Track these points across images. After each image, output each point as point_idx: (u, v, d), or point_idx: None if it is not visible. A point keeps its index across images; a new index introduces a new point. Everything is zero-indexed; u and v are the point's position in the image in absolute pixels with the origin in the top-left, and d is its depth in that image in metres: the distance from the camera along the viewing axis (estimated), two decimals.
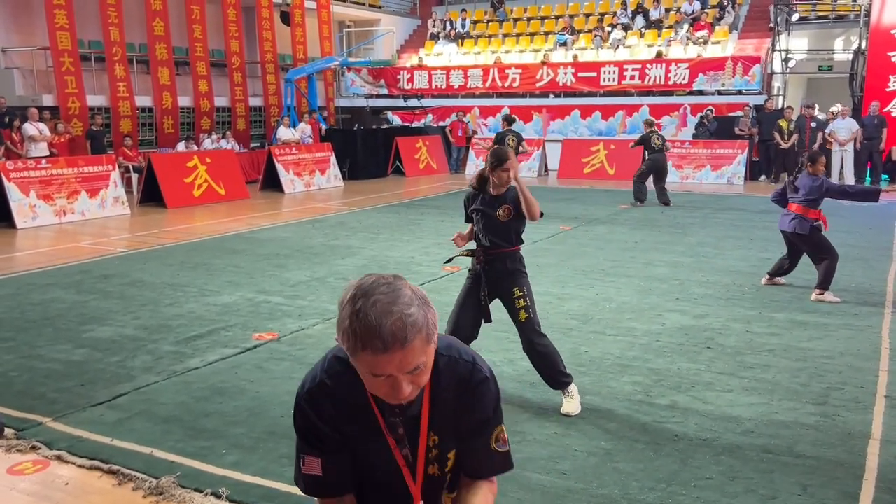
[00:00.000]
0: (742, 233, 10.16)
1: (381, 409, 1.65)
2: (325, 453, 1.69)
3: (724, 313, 6.29)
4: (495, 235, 4.38)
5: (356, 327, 1.44)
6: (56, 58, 15.01)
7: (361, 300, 1.45)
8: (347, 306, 1.47)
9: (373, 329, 1.42)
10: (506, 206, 4.36)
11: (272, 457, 3.73)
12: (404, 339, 1.44)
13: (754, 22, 20.37)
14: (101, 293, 7.04)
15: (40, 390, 4.65)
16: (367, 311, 1.43)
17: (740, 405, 4.38)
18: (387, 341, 1.42)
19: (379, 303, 1.44)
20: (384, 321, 1.42)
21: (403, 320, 1.44)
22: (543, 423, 4.15)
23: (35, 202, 11.24)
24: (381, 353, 1.43)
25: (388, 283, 1.48)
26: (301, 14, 20.88)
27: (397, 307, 1.44)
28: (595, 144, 17.85)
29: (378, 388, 1.53)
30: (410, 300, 1.47)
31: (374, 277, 1.51)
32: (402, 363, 1.46)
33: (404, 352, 1.45)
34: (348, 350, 1.49)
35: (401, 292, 1.47)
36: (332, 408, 1.66)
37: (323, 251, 9.08)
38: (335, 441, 1.69)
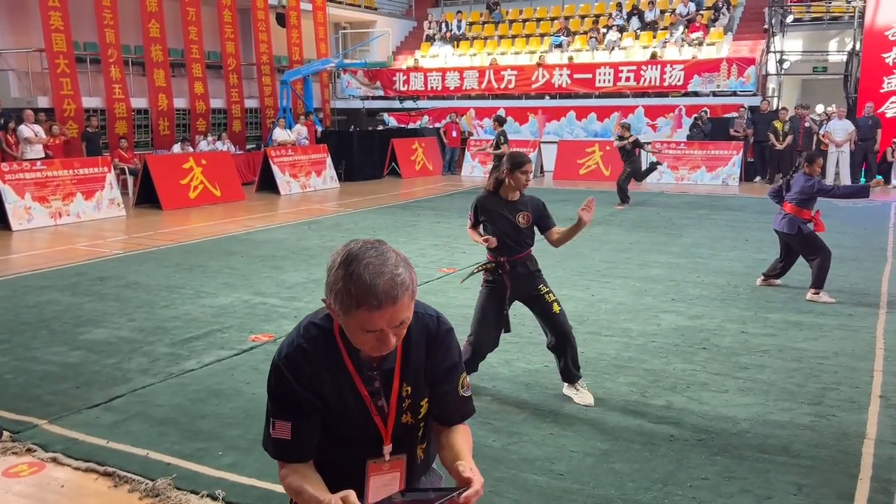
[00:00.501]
0: (737, 234, 10.19)
1: (356, 366, 1.77)
2: (296, 417, 1.77)
3: (719, 314, 6.31)
4: (515, 241, 4.41)
5: (351, 288, 1.58)
6: (51, 60, 14.98)
7: (354, 263, 1.60)
8: (340, 269, 1.61)
9: (367, 288, 1.57)
10: (525, 214, 4.41)
11: (268, 458, 3.69)
12: (395, 296, 1.59)
13: (749, 23, 20.42)
14: (96, 295, 7.04)
15: (36, 392, 4.64)
16: (360, 272, 1.58)
17: (736, 405, 4.39)
18: (381, 299, 1.57)
19: (371, 265, 1.59)
20: (377, 281, 1.57)
21: (394, 279, 1.59)
22: (539, 423, 4.15)
23: (30, 204, 11.21)
24: (375, 310, 1.58)
25: (375, 247, 1.64)
26: (297, 16, 20.87)
27: (387, 268, 1.60)
28: (590, 146, 17.87)
29: (365, 342, 1.66)
30: (397, 262, 1.63)
31: (360, 242, 1.66)
32: (392, 318, 1.62)
33: (395, 308, 1.60)
34: (341, 309, 1.62)
35: (388, 255, 1.63)
36: (309, 369, 1.75)
37: (319, 253, 9.08)
38: (310, 404, 1.77)
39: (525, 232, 4.43)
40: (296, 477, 1.78)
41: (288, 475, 1.80)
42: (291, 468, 1.80)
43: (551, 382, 4.73)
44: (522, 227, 4.41)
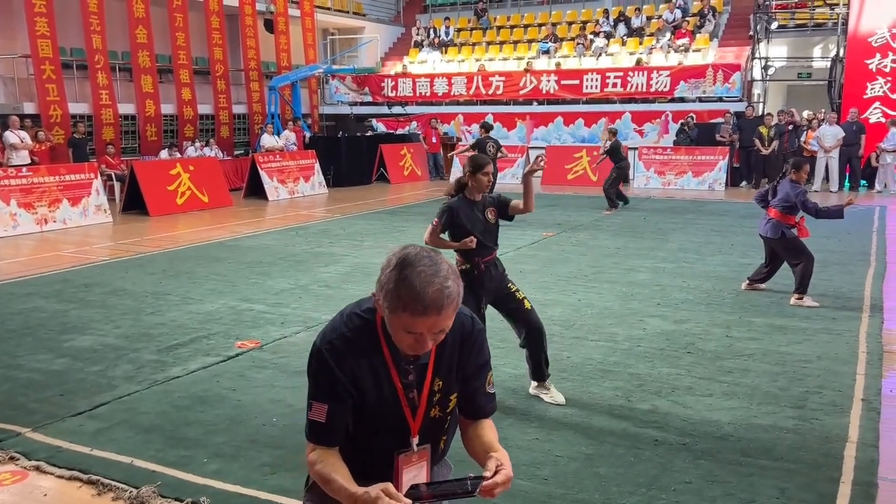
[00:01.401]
0: (723, 238, 10.25)
1: (394, 358, 1.87)
2: (333, 400, 1.85)
3: (704, 318, 6.35)
4: (491, 240, 4.55)
5: (401, 291, 1.68)
6: (37, 66, 14.92)
7: (408, 268, 1.69)
8: (394, 272, 1.70)
9: (416, 295, 1.67)
10: (491, 209, 4.55)
11: (253, 465, 3.73)
12: (441, 307, 1.69)
13: (734, 30, 20.58)
14: (82, 302, 7.00)
15: (20, 400, 4.61)
16: (412, 278, 1.68)
17: (720, 409, 4.42)
18: (426, 306, 1.67)
19: (423, 273, 1.68)
20: (427, 289, 1.67)
21: (442, 291, 1.69)
22: (525, 428, 4.17)
23: (16, 210, 11.15)
24: (419, 316, 1.68)
25: (430, 256, 1.73)
26: (285, 22, 20.88)
27: (438, 279, 1.69)
28: (578, 151, 17.95)
29: (403, 340, 1.77)
30: (447, 274, 1.72)
31: (416, 249, 1.75)
32: (434, 326, 1.72)
33: (438, 317, 1.70)
34: (388, 308, 1.72)
35: (441, 266, 1.72)
36: (350, 357, 1.84)
37: (306, 259, 9.07)
38: (346, 390, 1.85)
39: (494, 229, 4.58)
40: (325, 465, 1.84)
41: (317, 462, 1.85)
42: (321, 455, 1.86)
43: None
44: (493, 224, 4.56)
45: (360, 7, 25.23)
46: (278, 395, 4.66)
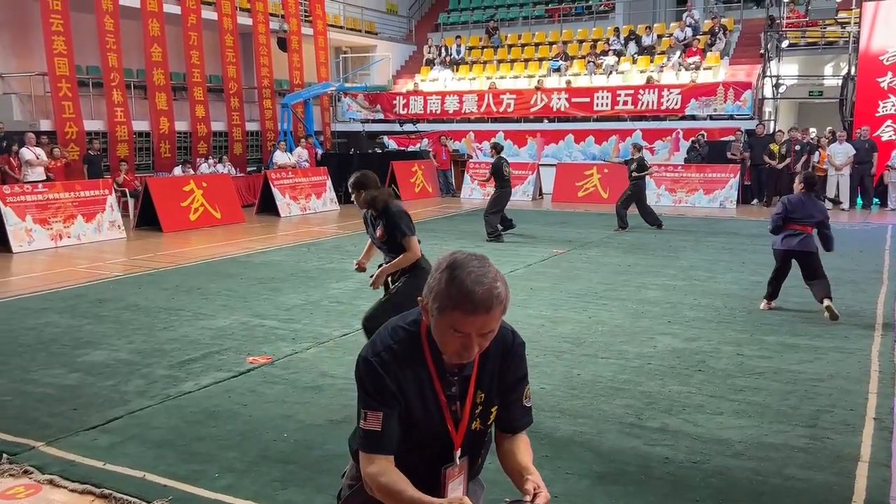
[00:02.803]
0: (734, 256, 10.23)
1: (438, 370, 1.91)
2: (386, 406, 1.87)
3: (715, 336, 6.34)
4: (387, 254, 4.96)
5: (451, 290, 1.74)
6: (54, 83, 15.12)
7: (458, 269, 1.76)
8: (445, 272, 1.77)
9: (466, 293, 1.73)
10: (380, 228, 4.91)
11: (264, 480, 3.75)
12: (490, 306, 1.74)
13: (745, 48, 20.63)
14: (95, 317, 7.06)
15: (33, 415, 4.65)
16: (462, 277, 1.74)
17: (731, 428, 4.41)
18: (476, 305, 1.73)
19: (473, 273, 1.75)
20: (476, 288, 1.73)
21: (491, 291, 1.75)
22: (535, 445, 4.13)
23: (31, 226, 11.27)
24: (468, 314, 1.73)
25: (479, 259, 1.80)
26: (298, 40, 21.09)
27: (487, 279, 1.75)
28: (589, 168, 17.98)
29: (450, 343, 1.81)
30: (496, 276, 1.78)
31: (465, 253, 1.81)
32: (482, 326, 1.77)
33: (487, 317, 1.75)
34: (437, 308, 1.77)
35: (490, 268, 1.79)
36: (396, 367, 1.88)
37: (318, 275, 9.11)
38: (395, 398, 1.88)
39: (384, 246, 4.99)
40: (390, 477, 1.84)
41: (380, 474, 1.85)
42: (382, 467, 1.86)
43: (547, 404, 4.75)
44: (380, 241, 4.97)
45: (373, 26, 25.45)
46: (289, 410, 4.69)
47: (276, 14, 20.63)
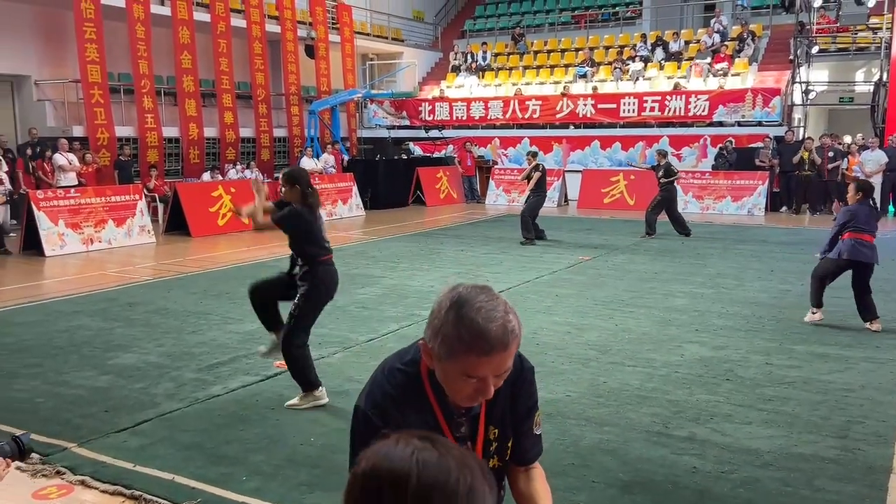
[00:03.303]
0: (762, 264, 10.12)
1: (444, 412, 1.75)
2: None
3: (743, 345, 6.27)
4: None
5: (461, 332, 1.53)
6: (86, 90, 15.38)
7: (465, 307, 1.55)
8: (450, 312, 1.56)
9: (479, 333, 1.53)
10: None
11: (291, 484, 3.78)
12: (507, 343, 1.56)
13: (774, 54, 20.42)
14: (126, 320, 7.16)
15: (66, 416, 4.73)
16: (472, 316, 1.54)
17: (759, 438, 4.36)
18: (492, 344, 1.54)
19: (483, 309, 1.55)
20: (490, 325, 1.53)
21: (506, 326, 1.55)
22: (561, 454, 4.15)
23: (63, 231, 11.46)
24: (483, 356, 1.54)
25: (486, 292, 1.60)
26: (325, 47, 21.26)
27: (498, 313, 1.55)
28: (615, 175, 17.90)
29: (462, 389, 1.62)
30: (507, 308, 1.58)
31: (468, 286, 1.61)
32: (499, 366, 1.58)
33: (504, 355, 1.57)
34: (446, 353, 1.57)
35: (498, 300, 1.59)
36: (397, 415, 1.71)
37: (343, 280, 9.02)
38: None
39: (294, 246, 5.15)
40: None
41: None
42: None
43: (573, 412, 4.74)
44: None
45: (399, 33, 25.58)
46: (316, 415, 4.72)
47: (304, 21, 20.83)
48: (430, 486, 0.97)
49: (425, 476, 0.97)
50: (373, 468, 1.01)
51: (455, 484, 1.00)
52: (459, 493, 0.99)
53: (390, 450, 1.03)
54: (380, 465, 1.01)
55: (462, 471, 1.02)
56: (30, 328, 6.90)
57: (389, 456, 1.01)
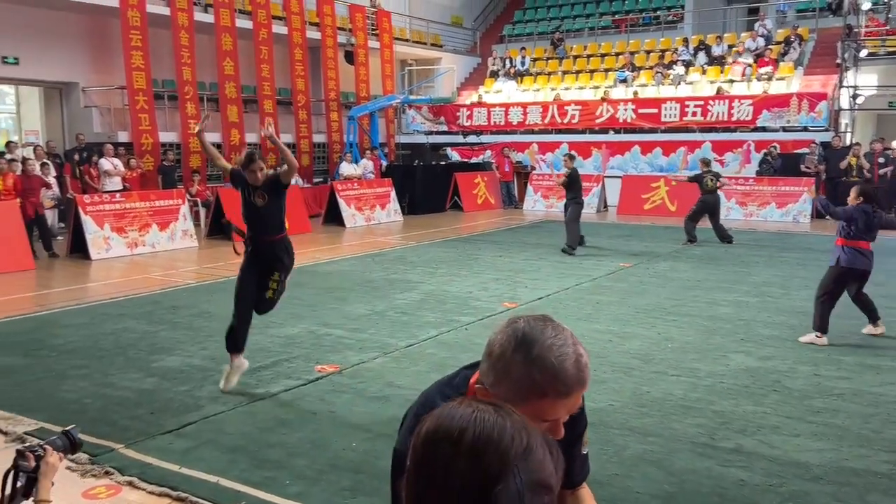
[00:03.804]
0: (809, 273, 9.88)
1: None
2: None
3: (790, 355, 6.14)
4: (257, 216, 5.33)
5: (535, 375, 1.39)
6: (132, 96, 15.70)
7: (534, 346, 1.40)
8: (517, 355, 1.40)
9: (556, 374, 1.39)
10: (261, 194, 5.30)
11: (334, 489, 3.79)
12: (584, 380, 1.43)
13: (820, 58, 20.02)
14: (170, 324, 7.27)
15: (113, 417, 4.82)
16: (544, 355, 1.40)
17: (808, 450, 4.26)
18: (570, 385, 1.41)
19: (554, 346, 1.41)
20: (565, 365, 1.40)
21: (579, 361, 1.42)
22: (604, 464, 4.10)
23: (109, 234, 11.69)
24: (561, 398, 1.41)
25: (550, 324, 1.45)
26: (365, 54, 21.41)
27: (569, 348, 1.42)
28: (656, 181, 17.69)
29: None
30: (574, 339, 1.45)
31: (527, 320, 1.46)
32: (575, 404, 1.46)
33: (580, 393, 1.45)
34: (517, 397, 1.39)
35: (565, 332, 1.45)
36: None
37: (383, 285, 9.19)
38: None
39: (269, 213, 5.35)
40: None
41: None
42: None
43: (615, 421, 4.68)
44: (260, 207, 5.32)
45: (438, 38, 25.65)
46: (357, 419, 4.73)
47: (344, 28, 21.00)
48: (484, 442, 0.98)
49: (480, 432, 0.99)
50: (436, 425, 1.02)
51: (510, 442, 1.00)
52: (513, 451, 0.99)
53: (454, 409, 1.04)
54: (441, 422, 1.02)
55: (519, 431, 1.02)
56: (77, 330, 7.05)
57: (452, 414, 1.03)
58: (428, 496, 1.00)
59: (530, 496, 0.99)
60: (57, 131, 16.76)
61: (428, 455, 1.00)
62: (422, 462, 1.01)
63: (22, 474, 1.75)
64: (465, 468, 0.98)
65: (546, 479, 1.02)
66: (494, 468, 0.97)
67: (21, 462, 1.74)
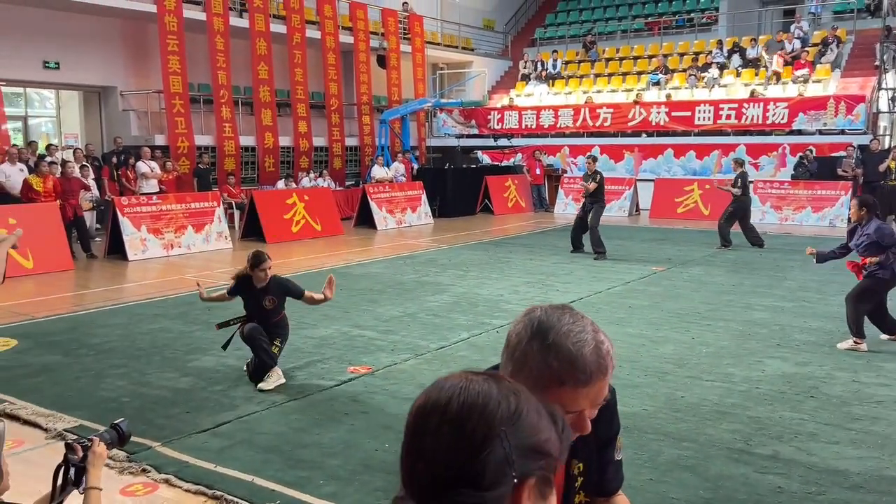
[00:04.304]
0: (846, 278, 9.63)
1: None
2: None
3: (828, 361, 6.04)
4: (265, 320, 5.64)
5: (551, 361, 1.34)
6: (168, 100, 15.96)
7: (550, 333, 1.36)
8: (534, 343, 1.37)
9: (573, 361, 1.34)
10: (270, 298, 5.64)
11: (367, 489, 3.81)
12: (606, 367, 1.38)
13: (858, 60, 19.69)
14: (204, 324, 7.36)
15: (149, 416, 4.89)
16: (561, 342, 1.35)
17: (847, 458, 4.19)
18: (589, 372, 1.35)
19: (571, 332, 1.36)
20: (583, 351, 1.35)
21: (600, 348, 1.37)
22: (638, 469, 4.07)
23: (146, 236, 11.88)
24: (581, 387, 1.36)
25: (569, 312, 1.41)
26: (397, 58, 21.52)
27: (588, 335, 1.37)
28: (689, 184, 17.52)
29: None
30: (595, 328, 1.40)
31: (545, 308, 1.42)
32: (598, 395, 1.40)
33: (603, 382, 1.39)
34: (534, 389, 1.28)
35: (585, 319, 1.40)
36: None
37: (414, 287, 9.22)
38: None
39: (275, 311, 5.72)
40: None
41: None
42: None
43: (649, 426, 4.64)
44: (269, 309, 5.66)
45: (469, 42, 25.69)
46: (389, 421, 4.75)
47: (377, 32, 21.14)
48: (468, 409, 0.97)
49: (465, 399, 0.98)
50: (425, 397, 1.02)
51: (495, 406, 0.98)
52: (499, 416, 0.97)
53: (444, 381, 1.03)
54: (430, 394, 1.02)
55: (507, 396, 1.00)
56: (114, 330, 7.17)
57: (441, 386, 1.02)
58: (418, 469, 0.99)
59: (521, 461, 0.96)
60: (96, 134, 17.09)
61: (417, 428, 1.00)
62: (412, 435, 1.00)
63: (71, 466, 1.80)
64: (450, 436, 0.96)
65: (540, 445, 0.99)
66: (479, 433, 0.95)
67: (70, 455, 1.79)
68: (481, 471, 0.94)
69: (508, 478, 0.95)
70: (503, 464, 0.95)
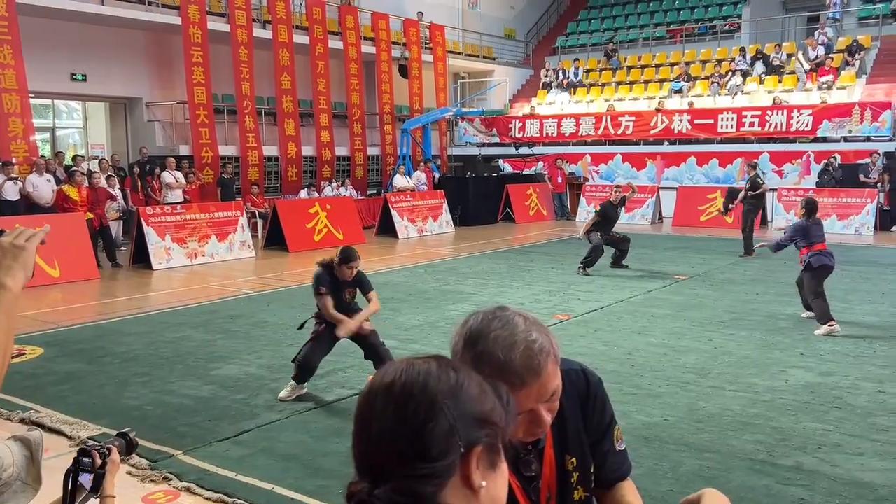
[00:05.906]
0: (872, 286, 9.60)
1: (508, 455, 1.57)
2: None
3: (853, 371, 5.96)
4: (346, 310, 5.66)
5: (484, 369, 1.34)
6: (193, 111, 16.15)
7: (481, 341, 1.39)
8: (466, 353, 1.40)
9: (502, 367, 1.37)
10: (350, 290, 5.71)
11: None
12: (537, 367, 1.39)
13: (884, 66, 19.45)
14: (227, 333, 7.43)
15: (171, 424, 4.94)
16: (490, 349, 1.38)
17: (873, 470, 4.13)
18: (521, 375, 1.37)
19: (500, 337, 1.39)
20: (511, 355, 1.38)
21: (530, 348, 1.39)
22: (659, 479, 4.04)
23: (170, 245, 12.01)
24: (518, 390, 1.37)
25: (499, 316, 1.43)
26: (418, 67, 21.61)
27: (518, 337, 1.39)
28: (712, 192, 17.38)
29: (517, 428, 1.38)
30: (528, 327, 1.41)
31: (480, 315, 1.45)
32: (541, 393, 1.42)
33: (540, 381, 1.40)
34: None
35: (515, 321, 1.42)
36: None
37: (435, 296, 9.23)
38: None
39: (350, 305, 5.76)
40: None
41: None
42: None
43: (671, 436, 4.61)
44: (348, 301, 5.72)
45: (491, 51, 25.74)
46: None
47: (398, 42, 21.25)
48: (409, 387, 1.01)
49: (406, 379, 1.02)
50: (371, 384, 1.06)
51: (436, 382, 1.02)
52: (440, 390, 1.01)
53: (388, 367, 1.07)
54: (375, 380, 1.06)
55: (447, 371, 1.04)
56: (139, 338, 7.25)
57: (385, 371, 1.06)
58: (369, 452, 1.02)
59: (466, 430, 1.00)
60: (121, 145, 17.34)
61: (365, 413, 1.03)
62: (361, 421, 1.04)
63: (87, 473, 1.82)
64: (395, 414, 1.00)
65: (485, 414, 1.03)
66: (422, 409, 0.99)
67: (84, 459, 1.82)
68: (429, 443, 0.98)
69: (455, 447, 0.99)
70: (449, 434, 0.99)
